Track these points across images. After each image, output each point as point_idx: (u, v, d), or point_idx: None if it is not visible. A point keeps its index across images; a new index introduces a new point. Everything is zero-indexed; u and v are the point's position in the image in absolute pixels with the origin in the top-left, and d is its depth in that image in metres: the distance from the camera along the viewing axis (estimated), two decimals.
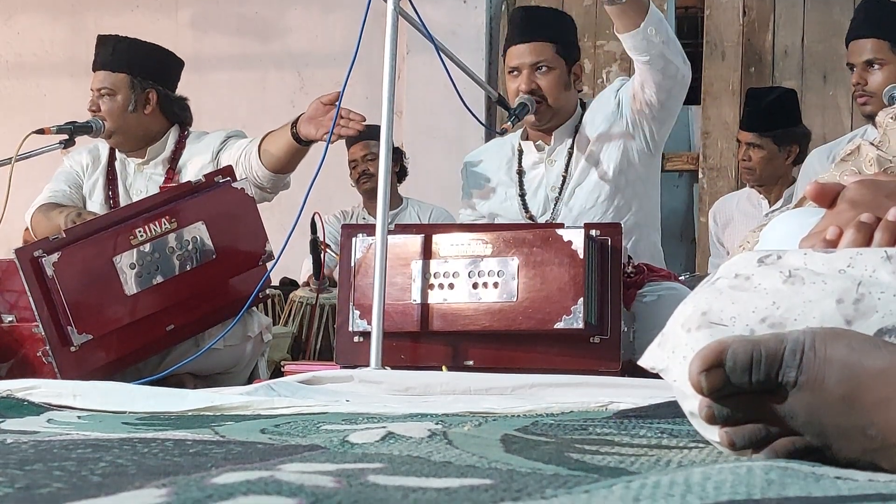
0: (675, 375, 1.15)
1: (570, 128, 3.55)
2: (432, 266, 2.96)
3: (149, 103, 3.70)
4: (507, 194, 3.58)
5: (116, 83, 3.66)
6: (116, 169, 3.78)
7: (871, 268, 1.14)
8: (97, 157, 3.81)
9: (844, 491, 0.85)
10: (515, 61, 3.49)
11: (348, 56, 3.02)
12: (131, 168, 3.76)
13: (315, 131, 3.41)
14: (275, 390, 2.45)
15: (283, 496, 0.79)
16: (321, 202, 4.22)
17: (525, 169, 3.59)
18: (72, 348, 2.99)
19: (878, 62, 3.65)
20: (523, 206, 3.54)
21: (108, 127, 3.66)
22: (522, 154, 3.61)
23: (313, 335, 4.49)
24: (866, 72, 3.66)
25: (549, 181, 3.53)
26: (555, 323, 2.84)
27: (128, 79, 3.67)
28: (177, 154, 3.72)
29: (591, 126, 3.52)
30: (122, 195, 3.73)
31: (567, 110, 3.55)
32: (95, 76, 3.71)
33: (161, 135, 3.73)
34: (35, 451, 1.21)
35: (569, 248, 2.86)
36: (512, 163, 3.62)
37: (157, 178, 3.69)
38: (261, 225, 3.36)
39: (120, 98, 3.66)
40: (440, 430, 1.42)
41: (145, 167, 3.72)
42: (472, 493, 0.85)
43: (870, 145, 1.68)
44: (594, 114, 3.54)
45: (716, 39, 6.00)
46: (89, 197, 3.76)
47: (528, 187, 3.56)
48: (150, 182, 3.70)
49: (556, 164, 3.53)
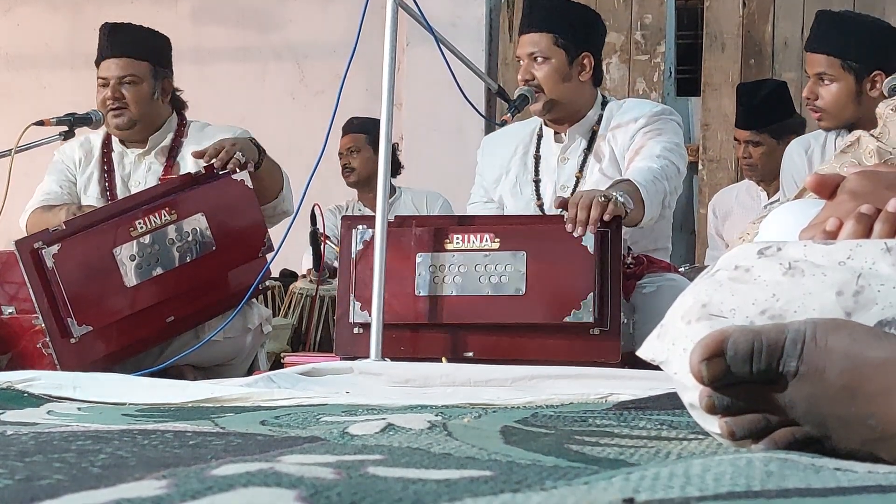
0: (674, 367, 1.15)
1: (585, 127, 3.47)
2: (436, 259, 2.96)
3: (167, 92, 3.68)
4: (519, 179, 3.54)
5: (141, 71, 3.59)
6: (113, 160, 3.71)
7: (870, 260, 1.13)
8: (90, 150, 3.73)
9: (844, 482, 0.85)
10: (518, 51, 3.49)
11: (348, 48, 3.02)
12: (130, 158, 3.69)
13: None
14: (275, 382, 2.45)
15: (283, 488, 0.79)
16: (321, 194, 4.22)
17: (542, 155, 3.54)
18: (72, 340, 2.99)
19: (829, 78, 3.59)
20: (536, 193, 3.50)
21: (132, 115, 3.58)
22: (541, 140, 3.57)
23: (313, 327, 4.50)
24: (817, 85, 3.61)
25: (561, 179, 3.48)
26: (564, 317, 2.85)
27: (150, 67, 3.61)
28: (176, 143, 3.69)
29: (611, 136, 3.44)
30: (119, 187, 3.66)
31: (575, 105, 3.46)
32: (112, 64, 3.59)
33: (163, 124, 3.71)
34: (35, 443, 1.21)
35: (578, 242, 2.87)
36: (529, 148, 3.56)
37: (156, 168, 3.65)
38: (260, 217, 3.36)
39: (145, 86, 3.60)
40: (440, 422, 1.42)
41: (146, 157, 3.68)
42: (472, 485, 0.85)
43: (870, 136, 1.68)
44: (618, 128, 3.45)
45: (716, 31, 5.99)
46: (84, 192, 3.68)
47: (543, 174, 3.52)
48: (149, 172, 3.65)
49: (569, 163, 3.46)
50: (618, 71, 6.07)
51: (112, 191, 3.66)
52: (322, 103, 6.12)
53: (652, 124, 3.39)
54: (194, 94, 3.90)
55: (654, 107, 3.50)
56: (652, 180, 3.19)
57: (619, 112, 3.48)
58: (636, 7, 6.09)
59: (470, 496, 0.79)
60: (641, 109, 3.47)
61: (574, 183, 3.43)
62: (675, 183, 3.33)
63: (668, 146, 3.34)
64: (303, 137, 5.99)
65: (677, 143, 3.40)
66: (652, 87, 6.03)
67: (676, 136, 3.42)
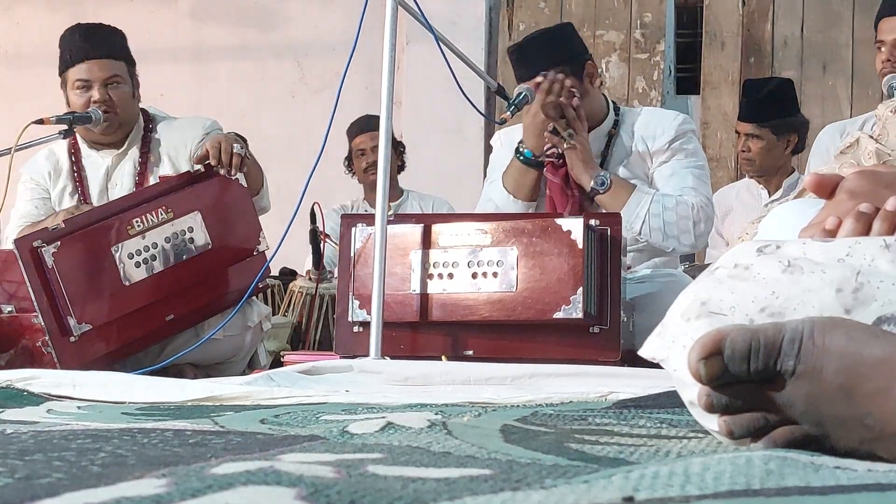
0: (674, 365, 1.15)
1: (601, 135, 3.49)
2: (432, 256, 2.96)
3: (138, 89, 3.67)
4: None
5: (122, 71, 3.58)
6: (84, 167, 3.63)
7: (869, 257, 1.14)
8: (56, 162, 3.65)
9: (843, 481, 0.85)
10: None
11: (348, 46, 3.02)
12: (107, 161, 3.62)
13: None
14: (274, 380, 2.45)
15: (283, 486, 0.79)
16: (321, 193, 4.22)
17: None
18: (71, 338, 2.99)
19: None
20: None
21: (120, 116, 3.54)
22: None
23: (313, 325, 4.50)
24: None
25: None
26: (554, 313, 2.84)
27: (126, 66, 3.60)
28: (147, 138, 3.63)
29: (630, 141, 3.46)
30: (96, 194, 3.59)
31: (594, 112, 3.48)
32: (94, 66, 3.54)
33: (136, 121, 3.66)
34: (35, 442, 1.21)
35: (568, 238, 2.86)
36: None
37: (130, 168, 3.59)
38: (255, 215, 3.38)
39: (126, 86, 3.58)
40: (439, 421, 1.42)
41: (123, 158, 3.62)
42: (472, 484, 0.85)
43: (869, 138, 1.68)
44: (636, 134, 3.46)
45: (715, 30, 6.00)
46: (59, 204, 3.60)
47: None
48: (125, 174, 3.59)
49: None
50: (617, 69, 6.07)
51: (86, 198, 3.59)
52: (321, 102, 6.12)
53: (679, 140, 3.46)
54: (194, 92, 3.90)
55: (676, 117, 3.53)
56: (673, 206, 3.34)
57: (640, 118, 3.52)
58: (636, 6, 6.09)
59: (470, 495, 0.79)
60: (665, 119, 3.51)
61: None
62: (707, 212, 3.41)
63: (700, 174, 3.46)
64: (302, 136, 5.99)
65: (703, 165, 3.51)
66: (651, 85, 6.03)
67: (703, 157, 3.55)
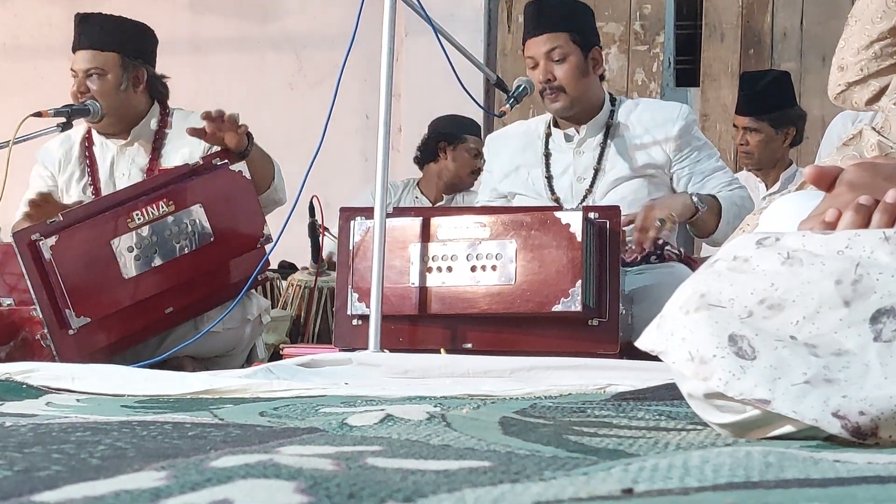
0: (673, 357, 1.15)
1: (600, 124, 3.51)
2: (431, 249, 2.95)
3: (140, 82, 3.65)
4: (531, 174, 3.55)
5: (107, 63, 3.56)
6: (95, 154, 3.66)
7: (869, 249, 1.14)
8: (69, 148, 3.68)
9: (843, 473, 0.85)
10: (532, 52, 3.49)
11: (346, 38, 3.01)
12: (113, 150, 3.64)
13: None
14: (273, 373, 2.45)
15: (282, 479, 0.79)
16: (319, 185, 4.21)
17: (552, 152, 3.55)
18: (70, 331, 2.99)
19: None
20: (549, 188, 3.51)
21: (101, 108, 3.54)
22: (550, 138, 3.58)
23: (312, 318, 4.49)
24: None
25: (577, 171, 3.49)
26: (552, 306, 2.84)
27: (118, 58, 3.57)
28: (160, 133, 3.65)
29: (629, 132, 3.48)
30: (103, 181, 3.61)
31: (591, 101, 3.50)
32: (80, 56, 3.58)
33: (145, 114, 3.66)
34: (34, 434, 1.21)
35: (566, 231, 2.86)
36: (538, 145, 3.58)
37: (140, 160, 3.60)
38: (258, 208, 3.35)
39: (111, 77, 3.55)
40: (439, 413, 1.42)
41: (128, 148, 3.63)
42: (471, 476, 0.85)
43: (871, 130, 1.68)
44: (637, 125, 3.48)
45: (715, 21, 5.99)
46: (66, 191, 3.62)
47: (555, 170, 3.53)
48: (133, 164, 3.61)
49: (585, 156, 3.49)
50: (617, 61, 6.06)
51: (96, 185, 3.62)
52: (320, 94, 6.11)
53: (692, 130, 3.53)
54: (192, 84, 3.89)
55: (681, 107, 3.56)
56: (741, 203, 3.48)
57: (639, 110, 3.54)
58: None
59: (469, 487, 0.79)
60: (671, 110, 3.54)
61: (592, 175, 3.48)
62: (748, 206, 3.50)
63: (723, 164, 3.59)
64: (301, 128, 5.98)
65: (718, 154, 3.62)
66: (651, 77, 6.02)
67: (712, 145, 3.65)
